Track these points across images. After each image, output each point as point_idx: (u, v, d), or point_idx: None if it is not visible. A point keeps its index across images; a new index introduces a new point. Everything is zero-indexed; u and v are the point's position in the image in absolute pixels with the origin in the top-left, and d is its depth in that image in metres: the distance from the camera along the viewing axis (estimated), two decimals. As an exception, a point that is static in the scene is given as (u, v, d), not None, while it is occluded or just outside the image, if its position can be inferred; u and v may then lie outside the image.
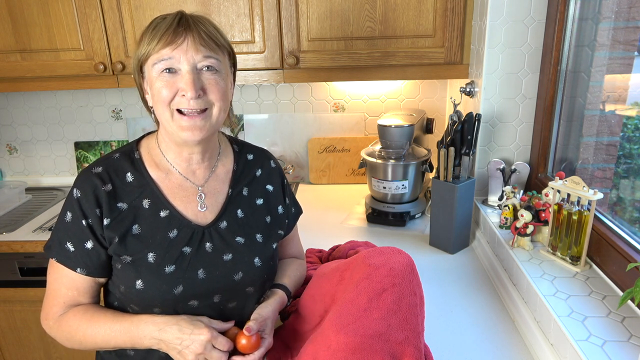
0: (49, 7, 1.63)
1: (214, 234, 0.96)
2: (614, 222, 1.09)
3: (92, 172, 0.93)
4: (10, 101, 2.12)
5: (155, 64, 0.88)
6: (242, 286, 0.97)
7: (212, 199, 0.99)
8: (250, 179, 1.05)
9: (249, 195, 1.03)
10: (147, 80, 0.92)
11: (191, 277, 0.92)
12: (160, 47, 0.87)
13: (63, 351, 1.81)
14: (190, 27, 0.88)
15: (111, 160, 0.95)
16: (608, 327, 0.90)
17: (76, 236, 0.92)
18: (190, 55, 0.87)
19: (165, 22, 0.88)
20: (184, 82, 0.87)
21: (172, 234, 0.93)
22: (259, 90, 2.04)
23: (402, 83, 1.97)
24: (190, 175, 0.99)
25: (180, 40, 0.87)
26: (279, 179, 1.10)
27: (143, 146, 0.99)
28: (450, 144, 1.38)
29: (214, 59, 0.90)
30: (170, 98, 0.89)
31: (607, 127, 1.24)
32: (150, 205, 0.94)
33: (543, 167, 1.45)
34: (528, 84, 1.45)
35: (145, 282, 0.90)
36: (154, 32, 0.88)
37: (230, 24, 1.63)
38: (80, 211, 0.91)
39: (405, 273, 0.91)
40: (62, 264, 0.92)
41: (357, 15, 1.58)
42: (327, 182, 2.08)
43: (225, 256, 0.95)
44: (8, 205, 1.93)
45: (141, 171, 0.95)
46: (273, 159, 1.13)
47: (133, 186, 0.94)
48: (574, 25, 1.32)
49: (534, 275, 1.09)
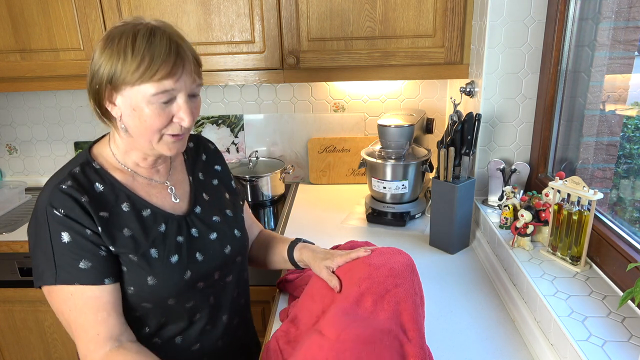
0: (48, 7, 1.63)
1: (195, 219, 1.02)
2: (614, 222, 1.09)
3: (62, 187, 0.88)
4: (10, 101, 2.12)
5: (154, 95, 0.85)
6: (232, 258, 1.06)
7: (180, 189, 1.04)
8: (200, 164, 1.12)
9: (205, 179, 1.10)
10: (125, 100, 0.87)
11: (193, 262, 0.97)
12: (161, 78, 0.84)
13: (63, 351, 1.81)
14: (182, 54, 0.86)
15: (75, 174, 0.91)
16: (608, 327, 0.90)
17: (87, 250, 0.87)
18: (188, 85, 0.88)
19: (156, 47, 0.83)
20: (182, 111, 0.88)
21: (161, 229, 0.96)
22: (259, 90, 2.04)
23: (402, 83, 1.97)
24: (155, 174, 1.01)
25: (180, 71, 0.86)
26: (221, 158, 1.18)
27: (97, 156, 0.97)
28: (450, 144, 1.38)
29: (200, 86, 0.93)
30: (164, 126, 0.89)
31: (607, 127, 1.24)
32: (130, 208, 0.94)
33: (543, 167, 1.45)
34: (528, 84, 1.45)
35: (156, 277, 0.92)
36: (148, 56, 0.83)
37: (230, 24, 1.63)
38: (76, 224, 0.86)
39: (406, 273, 0.91)
40: (86, 283, 0.85)
41: (357, 15, 1.58)
42: (327, 182, 2.08)
43: (211, 236, 1.03)
44: (8, 205, 1.93)
45: (108, 178, 0.94)
46: (209, 142, 1.19)
47: (106, 195, 0.92)
48: (574, 25, 1.32)
49: (534, 275, 1.09)
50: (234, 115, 2.07)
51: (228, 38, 1.64)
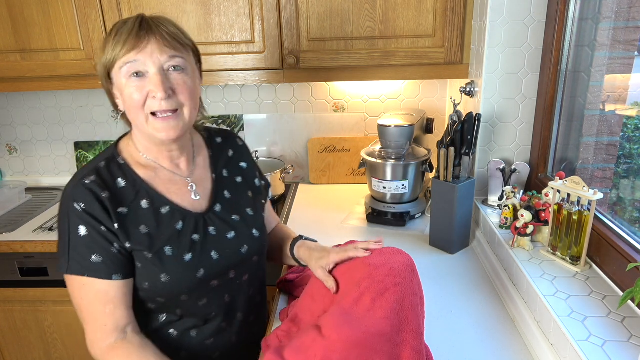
0: (48, 7, 1.63)
1: (213, 217, 1.03)
2: (614, 222, 1.09)
3: (85, 182, 0.92)
4: (10, 101, 2.12)
5: (122, 68, 0.90)
6: (249, 257, 1.06)
7: (202, 186, 1.05)
8: (225, 161, 1.13)
9: (229, 176, 1.11)
10: (116, 86, 0.94)
11: (207, 260, 0.99)
12: (125, 52, 0.89)
13: (63, 351, 1.81)
14: (152, 30, 0.90)
15: (99, 170, 0.96)
16: (608, 327, 0.90)
17: (100, 245, 0.91)
18: (155, 57, 0.90)
19: (126, 27, 0.90)
20: (152, 84, 0.90)
21: (178, 226, 0.98)
22: (259, 90, 2.04)
23: (402, 83, 1.97)
24: (176, 168, 1.03)
25: (144, 43, 0.89)
26: (249, 155, 1.19)
27: (123, 151, 1.01)
28: (450, 144, 1.38)
29: (179, 58, 0.93)
30: (142, 101, 0.91)
31: (607, 127, 1.24)
32: (149, 205, 0.97)
33: (543, 167, 1.45)
34: (528, 84, 1.45)
35: (169, 274, 0.95)
36: (117, 38, 0.90)
37: (230, 24, 1.63)
38: (93, 220, 0.90)
39: (406, 273, 0.91)
40: (95, 277, 0.91)
41: (357, 15, 1.58)
42: (327, 182, 2.08)
43: (229, 234, 1.03)
44: (8, 205, 1.93)
45: (131, 175, 0.98)
46: (238, 137, 1.20)
47: (127, 190, 0.96)
48: (574, 25, 1.32)
49: (534, 275, 1.09)
50: (234, 115, 2.07)
51: (228, 38, 1.64)
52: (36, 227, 1.74)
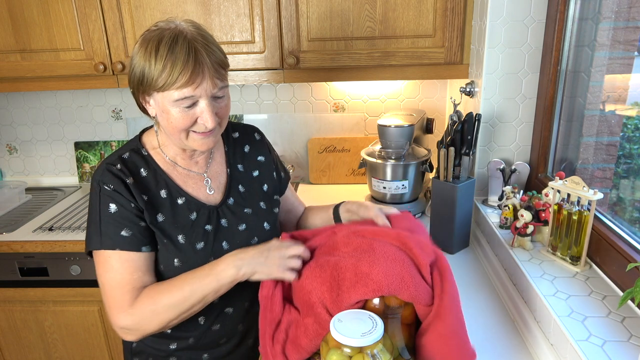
0: (49, 7, 1.63)
1: (226, 210, 1.08)
2: (614, 222, 1.09)
3: (113, 167, 0.99)
4: (10, 101, 2.12)
5: (174, 96, 0.92)
6: None
7: (217, 181, 1.10)
8: (242, 156, 1.16)
9: (245, 170, 1.15)
10: (157, 103, 0.96)
11: (218, 250, 1.04)
12: (181, 86, 0.90)
13: (63, 351, 1.81)
14: (204, 60, 0.92)
15: (124, 158, 1.02)
16: (608, 327, 0.90)
17: (130, 220, 0.97)
18: (208, 90, 0.93)
19: (178, 53, 0.89)
20: (204, 115, 0.94)
21: (192, 217, 1.03)
22: (259, 90, 2.04)
23: (402, 83, 1.97)
24: (193, 166, 1.08)
25: (199, 78, 0.91)
26: (266, 149, 1.21)
27: (146, 143, 1.07)
28: (450, 144, 1.38)
29: (225, 88, 0.98)
30: (188, 126, 0.96)
31: (607, 127, 1.24)
32: (167, 195, 1.03)
33: (543, 167, 1.45)
34: (528, 84, 1.45)
35: (182, 260, 1.00)
36: (168, 62, 0.89)
37: (230, 24, 1.63)
38: (123, 198, 0.97)
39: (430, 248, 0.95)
40: (126, 249, 0.96)
41: (357, 15, 1.58)
42: (327, 182, 2.08)
43: (240, 227, 1.08)
44: (8, 205, 1.93)
45: (153, 166, 1.04)
46: (256, 131, 1.22)
47: (149, 180, 1.02)
48: (574, 25, 1.32)
49: (534, 275, 1.09)
50: (234, 116, 2.07)
51: (228, 38, 1.64)
52: (36, 227, 1.74)
